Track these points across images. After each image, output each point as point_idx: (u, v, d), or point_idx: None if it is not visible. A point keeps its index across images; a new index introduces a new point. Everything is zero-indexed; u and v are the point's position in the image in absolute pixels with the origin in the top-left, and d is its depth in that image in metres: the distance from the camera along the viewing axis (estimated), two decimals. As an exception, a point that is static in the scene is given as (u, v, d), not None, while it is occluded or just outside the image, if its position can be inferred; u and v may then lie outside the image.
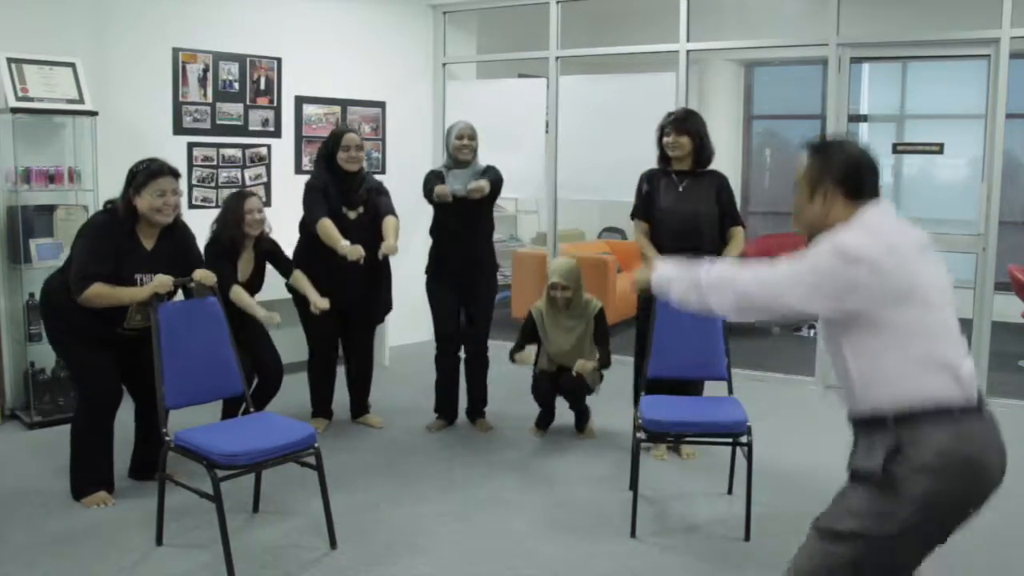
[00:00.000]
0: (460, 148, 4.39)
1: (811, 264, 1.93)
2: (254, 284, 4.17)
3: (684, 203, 4.03)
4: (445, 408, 4.66)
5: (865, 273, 1.86)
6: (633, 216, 4.20)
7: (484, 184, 4.26)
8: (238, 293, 3.94)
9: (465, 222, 4.40)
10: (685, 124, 4.03)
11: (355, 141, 4.29)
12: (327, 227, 4.12)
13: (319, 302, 4.13)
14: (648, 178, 4.15)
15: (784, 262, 1.98)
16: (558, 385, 4.40)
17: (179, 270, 3.48)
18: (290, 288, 4.41)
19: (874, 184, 2.02)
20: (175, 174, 3.43)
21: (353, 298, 4.34)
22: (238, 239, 4.06)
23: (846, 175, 2.00)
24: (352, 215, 4.30)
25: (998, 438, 1.92)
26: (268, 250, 4.23)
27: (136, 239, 3.42)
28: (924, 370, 1.87)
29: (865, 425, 1.96)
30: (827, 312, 1.94)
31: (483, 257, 4.53)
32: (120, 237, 3.38)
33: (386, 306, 4.65)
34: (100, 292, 3.29)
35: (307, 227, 4.29)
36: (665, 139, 4.07)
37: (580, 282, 4.34)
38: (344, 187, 4.28)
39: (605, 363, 4.34)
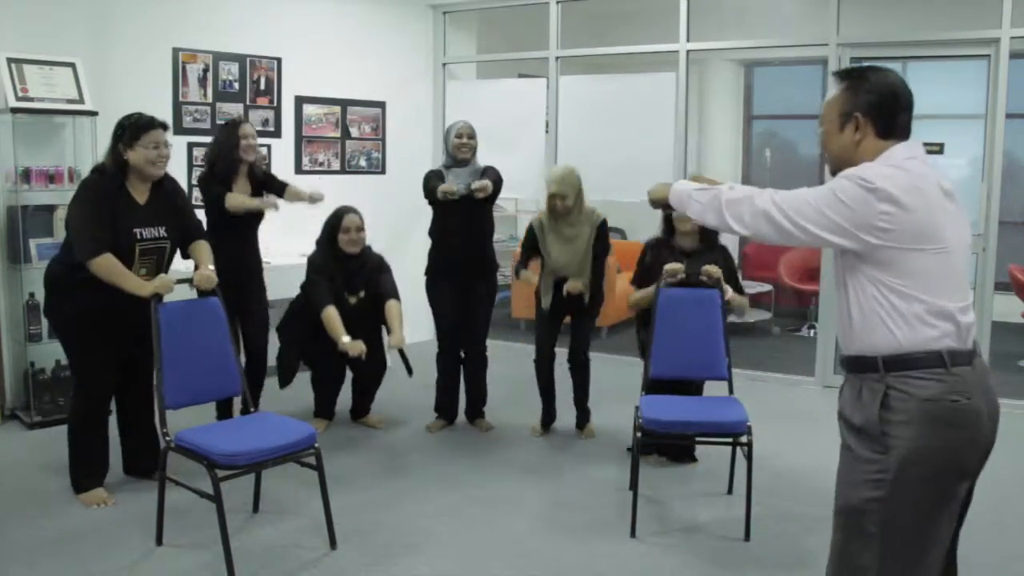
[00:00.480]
0: (459, 147, 4.39)
1: (834, 192, 1.89)
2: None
3: (684, 283, 3.93)
4: (445, 408, 4.66)
5: (887, 209, 1.83)
6: (633, 283, 4.12)
7: (488, 183, 4.27)
8: (233, 198, 4.01)
9: (465, 222, 4.40)
10: None
11: (355, 223, 4.30)
12: (331, 318, 4.12)
13: (316, 194, 4.31)
14: (651, 247, 4.10)
15: (806, 188, 1.95)
16: (565, 306, 4.36)
17: (173, 222, 3.50)
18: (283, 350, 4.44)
19: (906, 123, 1.97)
20: (164, 126, 3.43)
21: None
22: (232, 165, 4.10)
23: (880, 107, 1.94)
24: (353, 300, 4.31)
25: (989, 387, 1.92)
26: (262, 180, 4.30)
27: (128, 195, 3.40)
28: (925, 318, 1.86)
29: (856, 366, 1.95)
30: (840, 242, 1.89)
31: (483, 257, 4.53)
32: (113, 194, 3.36)
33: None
34: (108, 265, 3.25)
35: (307, 293, 4.31)
36: (674, 212, 3.98)
37: (580, 189, 4.32)
38: (345, 271, 4.29)
39: (597, 278, 4.33)
